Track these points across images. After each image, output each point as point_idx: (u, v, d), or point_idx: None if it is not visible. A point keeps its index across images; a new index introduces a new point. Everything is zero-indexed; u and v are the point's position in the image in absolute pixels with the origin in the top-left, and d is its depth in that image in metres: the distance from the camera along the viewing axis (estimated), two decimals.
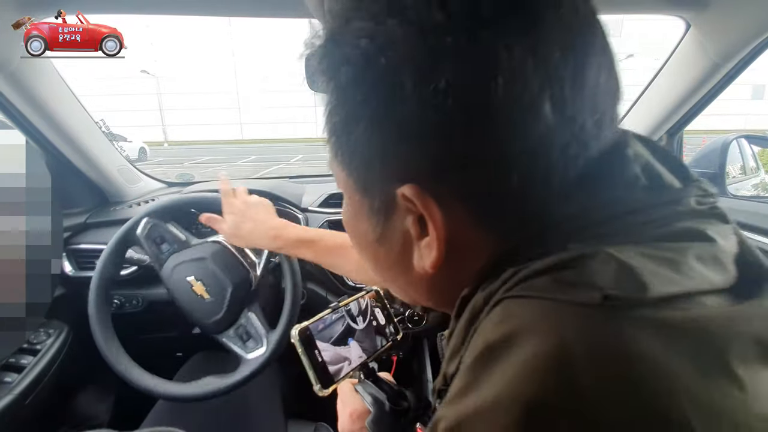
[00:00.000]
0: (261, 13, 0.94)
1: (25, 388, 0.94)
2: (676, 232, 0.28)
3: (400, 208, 0.32)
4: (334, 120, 0.33)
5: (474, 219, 0.30)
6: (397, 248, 0.35)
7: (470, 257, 0.32)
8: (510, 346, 0.25)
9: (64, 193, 1.26)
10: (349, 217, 0.39)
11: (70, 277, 1.18)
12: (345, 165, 0.34)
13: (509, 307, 0.27)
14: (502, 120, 0.27)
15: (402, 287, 0.40)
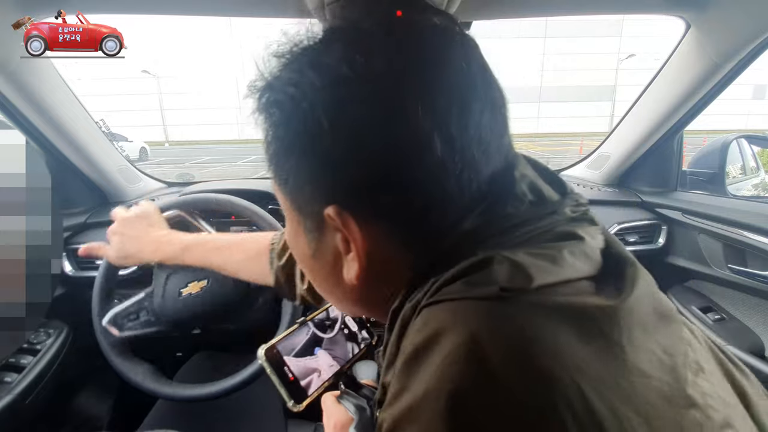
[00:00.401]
0: (261, 13, 0.94)
1: (25, 388, 0.94)
2: (556, 235, 0.34)
3: (329, 226, 0.36)
4: (271, 150, 0.37)
5: (390, 235, 0.35)
6: (329, 262, 0.39)
7: (393, 270, 0.36)
8: (432, 346, 0.28)
9: (64, 193, 1.26)
10: (290, 235, 0.43)
11: (70, 277, 1.18)
12: (282, 187, 0.39)
13: (429, 313, 0.31)
14: (401, 154, 0.32)
15: (338, 298, 0.44)
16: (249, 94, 0.37)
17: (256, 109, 0.37)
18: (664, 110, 1.23)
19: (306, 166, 0.35)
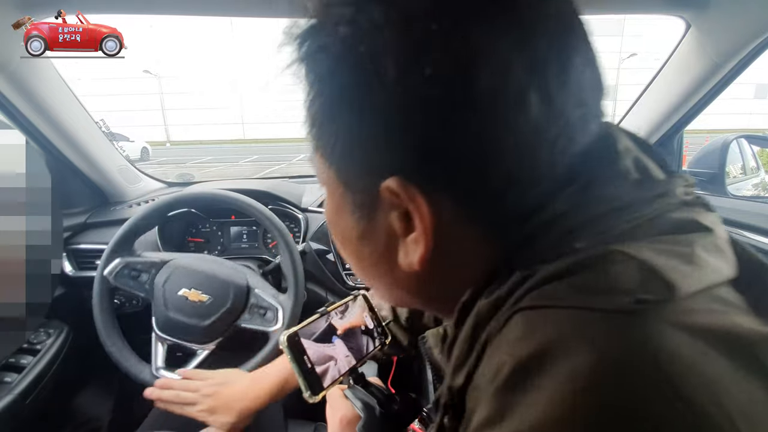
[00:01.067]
0: (261, 13, 0.94)
1: (25, 388, 0.94)
2: (674, 224, 0.27)
3: (384, 202, 0.30)
4: (314, 110, 0.32)
5: (462, 214, 0.29)
6: (381, 245, 0.33)
7: (461, 256, 0.31)
8: (542, 366, 0.23)
9: (64, 193, 1.26)
10: (332, 213, 0.37)
11: (70, 277, 1.19)
12: (326, 158, 0.33)
13: (531, 320, 0.25)
14: (488, 113, 0.26)
15: (387, 286, 0.38)
16: (286, 41, 0.32)
17: (296, 60, 0.31)
18: (664, 110, 1.23)
19: (359, 128, 0.29)
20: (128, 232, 1.01)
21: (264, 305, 0.99)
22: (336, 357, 0.57)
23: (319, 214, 1.28)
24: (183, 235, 1.33)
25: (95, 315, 0.97)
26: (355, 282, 1.23)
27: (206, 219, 1.33)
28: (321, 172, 0.35)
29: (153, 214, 1.03)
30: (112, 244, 0.99)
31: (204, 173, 10.35)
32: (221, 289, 0.97)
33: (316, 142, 0.33)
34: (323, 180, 0.36)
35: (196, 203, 1.04)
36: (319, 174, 0.36)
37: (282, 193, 1.30)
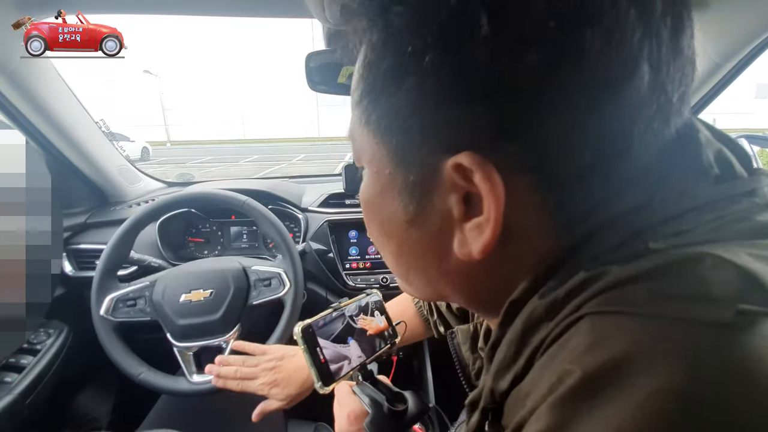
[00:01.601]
0: (261, 13, 0.94)
1: (25, 388, 0.94)
2: (765, 228, 0.24)
3: (444, 182, 0.27)
4: (372, 76, 0.29)
5: (535, 199, 0.26)
6: (433, 231, 0.30)
7: (521, 247, 0.28)
8: (617, 380, 0.20)
9: (64, 193, 1.26)
10: (372, 194, 0.34)
11: (70, 277, 1.19)
12: (378, 131, 0.30)
13: (601, 327, 0.22)
14: (595, 75, 0.23)
15: (429, 278, 0.34)
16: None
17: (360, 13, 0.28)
18: None
19: (431, 95, 0.26)
20: (106, 268, 0.99)
21: (265, 276, 1.00)
22: (350, 357, 0.58)
23: (319, 214, 1.28)
24: (183, 235, 1.33)
25: (111, 355, 0.95)
26: (354, 282, 1.23)
27: (206, 219, 1.33)
28: (365, 148, 0.32)
29: (124, 239, 1.01)
30: (96, 284, 0.97)
31: (204, 173, 10.35)
32: (219, 280, 0.97)
33: (367, 114, 0.30)
34: (367, 157, 0.33)
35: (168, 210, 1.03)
36: (361, 151, 0.33)
37: (282, 193, 1.31)
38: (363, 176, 0.35)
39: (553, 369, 0.23)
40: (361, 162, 0.34)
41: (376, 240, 0.37)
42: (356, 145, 0.34)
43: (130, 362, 0.94)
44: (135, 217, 1.01)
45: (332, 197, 1.33)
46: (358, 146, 0.33)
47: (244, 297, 0.98)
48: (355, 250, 1.27)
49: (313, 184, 1.51)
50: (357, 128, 0.32)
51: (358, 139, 0.33)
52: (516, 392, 0.27)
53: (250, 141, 23.96)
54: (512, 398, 0.27)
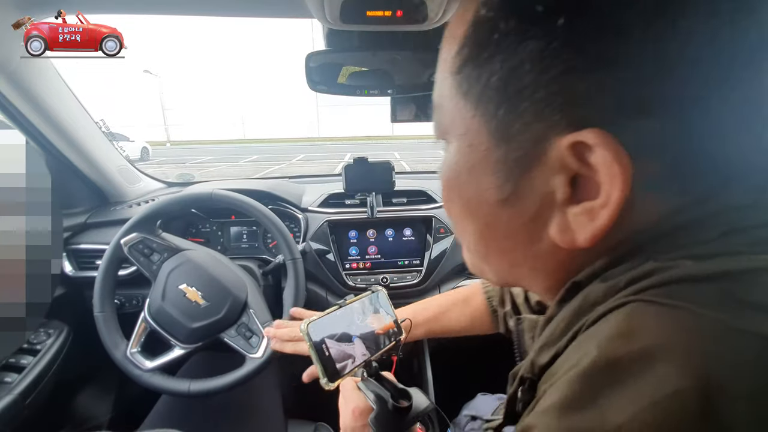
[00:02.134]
0: (261, 13, 0.94)
1: (25, 388, 0.94)
2: None
3: (550, 161, 0.25)
4: (482, 39, 0.26)
5: (649, 184, 0.24)
6: (527, 213, 0.28)
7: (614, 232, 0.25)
8: (638, 369, 0.20)
9: (64, 193, 1.26)
10: (460, 171, 0.31)
11: (70, 277, 1.18)
12: (479, 102, 0.27)
13: (642, 316, 0.22)
14: (749, 51, 0.21)
15: (513, 262, 0.33)
16: None
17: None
18: None
19: (557, 62, 0.23)
20: (154, 212, 1.01)
21: (253, 329, 0.98)
22: (354, 354, 0.58)
23: (319, 214, 1.28)
24: (183, 234, 1.33)
25: (97, 278, 0.97)
26: (354, 282, 1.23)
27: (206, 219, 1.33)
28: (456, 120, 0.30)
29: (180, 204, 1.03)
30: (137, 218, 1.00)
31: (204, 173, 10.35)
32: (219, 297, 0.97)
33: (469, 82, 0.28)
34: (458, 130, 0.30)
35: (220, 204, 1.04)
36: (451, 123, 0.30)
37: (282, 193, 1.30)
38: (447, 151, 0.33)
39: (581, 347, 0.24)
40: (448, 135, 0.32)
41: (457, 219, 0.35)
42: (445, 117, 0.31)
43: (104, 299, 0.97)
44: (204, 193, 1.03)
45: (332, 197, 1.33)
46: (448, 118, 0.31)
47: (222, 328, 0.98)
48: (355, 250, 1.27)
49: (313, 184, 1.51)
50: (450, 98, 0.30)
51: (449, 110, 0.30)
52: (551, 371, 0.27)
53: (249, 141, 23.98)
54: (546, 375, 0.27)
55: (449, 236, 1.26)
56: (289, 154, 15.44)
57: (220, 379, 0.94)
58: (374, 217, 1.24)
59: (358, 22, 0.75)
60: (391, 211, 1.29)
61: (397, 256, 1.28)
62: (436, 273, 1.24)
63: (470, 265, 0.39)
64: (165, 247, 1.02)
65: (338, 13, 0.72)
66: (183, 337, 0.95)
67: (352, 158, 1.24)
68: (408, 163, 11.00)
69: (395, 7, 0.72)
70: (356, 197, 1.31)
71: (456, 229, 0.36)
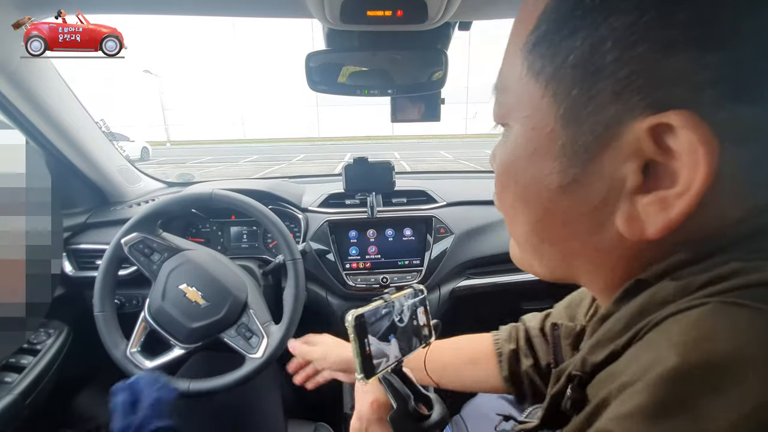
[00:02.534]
0: (261, 13, 0.94)
1: (25, 388, 0.94)
2: None
3: (624, 146, 0.24)
4: (562, 13, 0.25)
5: (735, 175, 0.23)
6: (592, 201, 0.27)
7: (690, 227, 0.24)
8: (736, 375, 0.19)
9: (64, 193, 1.26)
10: (521, 155, 0.30)
11: (70, 277, 1.18)
12: (552, 82, 0.26)
13: (727, 318, 0.21)
14: None
15: (570, 253, 0.31)
16: None
17: None
18: None
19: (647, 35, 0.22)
20: (154, 212, 1.01)
21: (253, 329, 0.98)
22: (389, 355, 0.58)
23: (319, 214, 1.28)
24: (183, 235, 1.33)
25: (97, 277, 0.97)
26: (355, 282, 1.23)
27: (206, 219, 1.33)
28: (523, 101, 0.29)
29: (180, 204, 1.03)
30: (137, 217, 1.00)
31: (204, 173, 10.35)
32: (219, 298, 0.97)
33: (543, 61, 0.26)
34: (524, 112, 0.29)
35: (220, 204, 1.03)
36: (517, 105, 0.29)
37: (282, 193, 1.30)
38: (506, 136, 0.32)
39: (652, 348, 0.22)
40: (509, 119, 0.30)
41: (511, 206, 0.33)
42: (509, 99, 0.30)
43: (105, 298, 0.97)
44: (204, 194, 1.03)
45: (332, 197, 1.33)
46: (513, 100, 0.29)
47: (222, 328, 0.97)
48: (355, 250, 1.27)
49: (313, 184, 1.51)
50: (518, 79, 0.28)
51: (515, 91, 0.29)
52: (611, 370, 0.25)
53: (249, 141, 23.95)
54: (604, 375, 0.26)
55: (449, 236, 1.26)
56: (289, 154, 15.43)
57: (220, 379, 0.93)
58: (374, 217, 1.24)
59: (358, 22, 0.75)
60: (391, 211, 1.29)
61: (397, 256, 1.28)
62: (436, 273, 1.24)
63: (518, 259, 0.37)
64: (165, 247, 1.02)
65: (338, 13, 0.72)
66: (183, 337, 0.95)
67: (352, 158, 1.24)
68: (408, 163, 11.00)
69: (395, 7, 0.72)
70: (356, 197, 1.31)
71: (507, 219, 0.34)
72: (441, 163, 11.44)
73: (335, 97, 0.91)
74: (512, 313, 1.39)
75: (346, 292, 1.24)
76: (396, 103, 1.00)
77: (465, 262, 1.27)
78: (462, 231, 1.27)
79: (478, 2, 0.77)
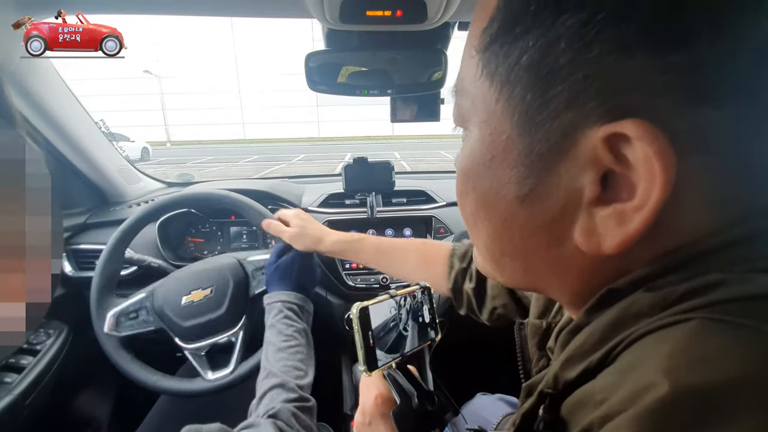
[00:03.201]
0: (261, 13, 0.94)
1: (25, 388, 0.94)
2: None
3: (580, 155, 0.23)
4: (514, 10, 0.24)
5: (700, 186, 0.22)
6: (550, 212, 0.25)
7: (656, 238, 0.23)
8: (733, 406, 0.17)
9: (64, 194, 1.26)
10: (478, 162, 0.28)
11: (70, 277, 1.18)
12: (506, 85, 0.25)
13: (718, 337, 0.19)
14: None
15: (530, 266, 0.30)
16: None
17: None
18: None
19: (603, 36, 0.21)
20: (102, 283, 0.98)
21: (261, 265, 0.99)
22: None
23: (319, 214, 1.28)
24: (182, 235, 1.33)
25: (123, 370, 0.93)
26: (354, 282, 1.23)
27: (206, 219, 1.33)
28: (479, 105, 0.27)
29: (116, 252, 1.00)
30: (95, 302, 0.96)
31: (204, 173, 10.34)
32: (217, 276, 0.97)
33: (497, 61, 0.25)
34: (480, 116, 0.27)
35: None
36: (472, 108, 0.28)
37: (282, 193, 1.30)
38: (465, 140, 0.30)
39: (640, 375, 0.20)
40: (467, 122, 0.29)
41: (470, 215, 0.32)
42: (466, 101, 0.28)
43: (144, 373, 0.94)
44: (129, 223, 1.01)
45: (332, 197, 1.33)
46: (469, 103, 0.28)
47: (244, 289, 0.98)
48: None
49: (313, 184, 1.51)
50: (474, 80, 0.27)
51: (471, 94, 0.28)
52: (586, 392, 0.24)
53: (250, 141, 23.95)
54: (579, 395, 0.24)
55: (449, 236, 1.26)
56: (289, 155, 15.43)
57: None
58: (374, 217, 1.24)
59: (358, 22, 0.75)
60: (390, 211, 1.29)
61: None
62: None
63: (481, 267, 0.36)
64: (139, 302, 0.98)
65: (338, 13, 0.72)
66: (228, 325, 0.95)
67: (352, 158, 1.24)
68: (408, 163, 11.00)
69: (395, 7, 0.72)
70: (356, 197, 1.31)
71: (468, 227, 0.33)
72: (441, 163, 11.43)
73: (335, 97, 0.91)
74: None
75: (346, 292, 1.24)
76: (396, 103, 1.00)
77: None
78: (462, 231, 1.27)
79: (477, 2, 0.77)
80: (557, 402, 0.26)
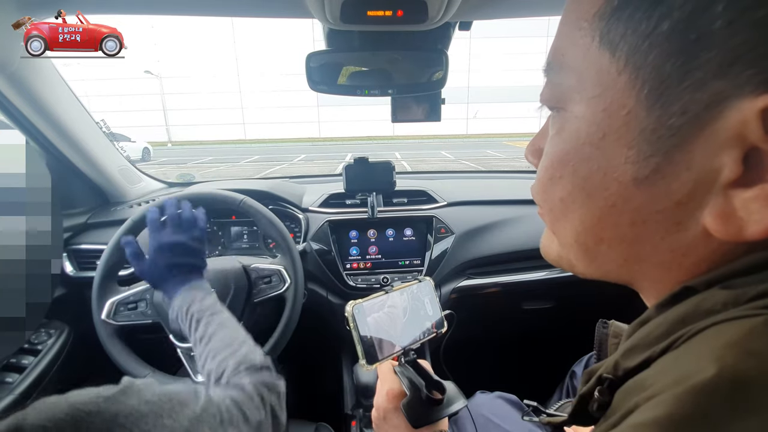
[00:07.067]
0: (262, 13, 0.93)
1: (26, 388, 0.94)
2: None
3: (723, 130, 0.20)
4: None
5: None
6: (676, 194, 0.23)
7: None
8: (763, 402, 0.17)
9: (64, 194, 1.26)
10: (586, 141, 0.26)
11: (70, 277, 1.18)
12: (632, 54, 0.23)
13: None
14: None
15: (634, 256, 0.27)
16: None
17: None
18: None
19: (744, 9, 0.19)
20: (106, 272, 0.98)
21: (266, 274, 0.99)
22: (393, 341, 0.60)
23: (320, 214, 1.28)
24: None
25: (114, 358, 0.93)
26: (355, 282, 1.23)
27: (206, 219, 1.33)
28: (592, 79, 0.25)
29: None
30: (96, 288, 0.96)
31: (205, 173, 10.35)
32: (220, 279, 0.97)
33: (622, 30, 0.23)
34: (593, 91, 0.25)
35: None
36: (579, 84, 0.26)
37: (283, 193, 1.30)
38: (556, 121, 0.28)
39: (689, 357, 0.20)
40: (567, 101, 0.27)
41: (560, 201, 0.29)
42: (569, 78, 0.26)
43: (134, 365, 0.93)
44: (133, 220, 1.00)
45: (333, 197, 1.33)
46: (574, 79, 0.26)
47: (245, 295, 0.98)
48: (355, 251, 1.27)
49: (314, 184, 1.51)
50: (584, 53, 0.25)
51: (577, 68, 0.25)
52: (641, 378, 0.24)
53: (250, 141, 23.96)
54: (633, 383, 0.24)
55: (450, 236, 1.26)
56: (290, 155, 15.43)
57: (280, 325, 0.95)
58: (375, 217, 1.24)
59: (359, 22, 0.75)
60: (391, 211, 1.29)
61: (397, 256, 1.28)
62: (436, 273, 1.24)
63: (555, 257, 0.33)
64: (141, 293, 0.99)
65: (338, 13, 0.72)
66: None
67: (352, 158, 1.24)
68: (409, 163, 11.00)
69: (395, 7, 0.72)
70: (357, 197, 1.31)
71: (552, 216, 0.30)
72: (442, 163, 11.43)
73: (336, 97, 0.91)
74: (513, 313, 1.40)
75: (347, 292, 1.24)
76: (396, 103, 1.00)
77: (465, 262, 1.27)
78: (462, 231, 1.27)
79: (478, 2, 0.77)
80: (614, 387, 0.26)
